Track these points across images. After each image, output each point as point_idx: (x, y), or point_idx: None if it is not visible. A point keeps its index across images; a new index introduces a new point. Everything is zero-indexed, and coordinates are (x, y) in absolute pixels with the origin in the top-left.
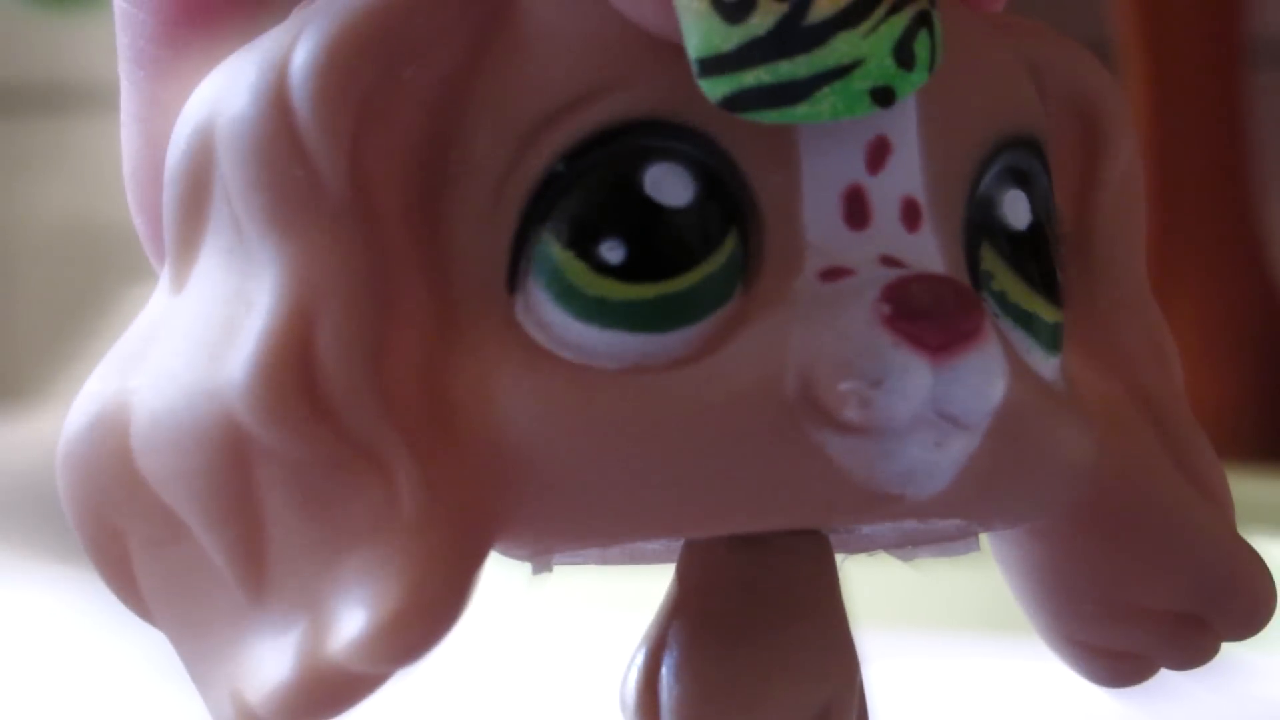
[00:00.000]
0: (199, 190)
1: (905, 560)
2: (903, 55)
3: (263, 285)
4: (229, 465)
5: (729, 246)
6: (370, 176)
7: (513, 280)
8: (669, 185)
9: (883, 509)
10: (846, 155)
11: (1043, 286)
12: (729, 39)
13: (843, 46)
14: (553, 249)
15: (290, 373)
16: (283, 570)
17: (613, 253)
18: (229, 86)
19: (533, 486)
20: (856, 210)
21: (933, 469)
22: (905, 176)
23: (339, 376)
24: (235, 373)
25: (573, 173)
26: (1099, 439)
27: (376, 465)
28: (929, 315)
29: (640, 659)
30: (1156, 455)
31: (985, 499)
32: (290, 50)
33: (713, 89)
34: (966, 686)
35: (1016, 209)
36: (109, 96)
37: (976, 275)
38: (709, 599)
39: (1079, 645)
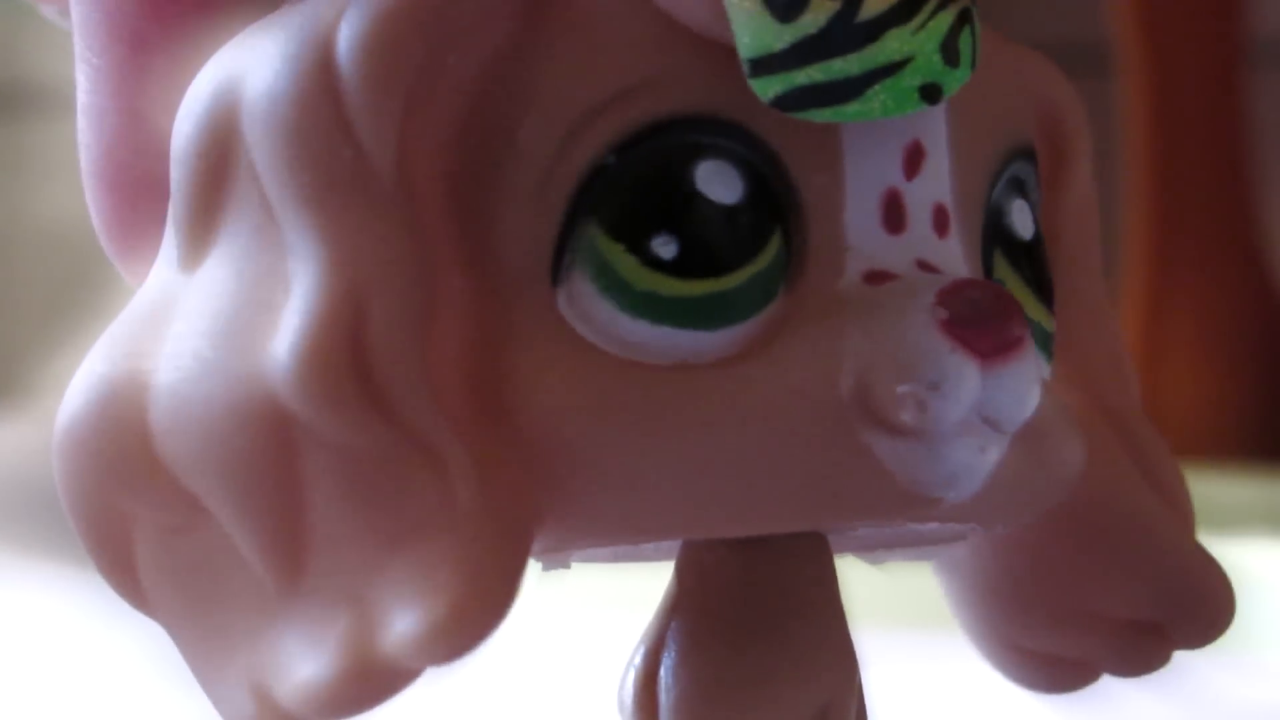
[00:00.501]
0: (219, 165)
1: (872, 564)
2: (949, 52)
3: (306, 266)
4: (271, 451)
5: (774, 246)
6: (415, 160)
7: (556, 271)
8: (720, 182)
9: (921, 511)
10: (886, 159)
11: (1042, 295)
12: (781, 38)
13: (893, 44)
14: (601, 242)
15: (342, 357)
16: (324, 562)
17: (665, 248)
18: (259, 60)
19: (580, 480)
20: (894, 214)
21: (973, 473)
22: (937, 183)
23: (393, 364)
24: (280, 354)
25: (622, 165)
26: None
27: (431, 458)
28: (983, 321)
29: (639, 659)
30: (1122, 464)
31: (1005, 503)
32: (334, 26)
33: (765, 88)
34: (965, 687)
35: (1023, 219)
36: None
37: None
38: (708, 599)
39: (1019, 651)
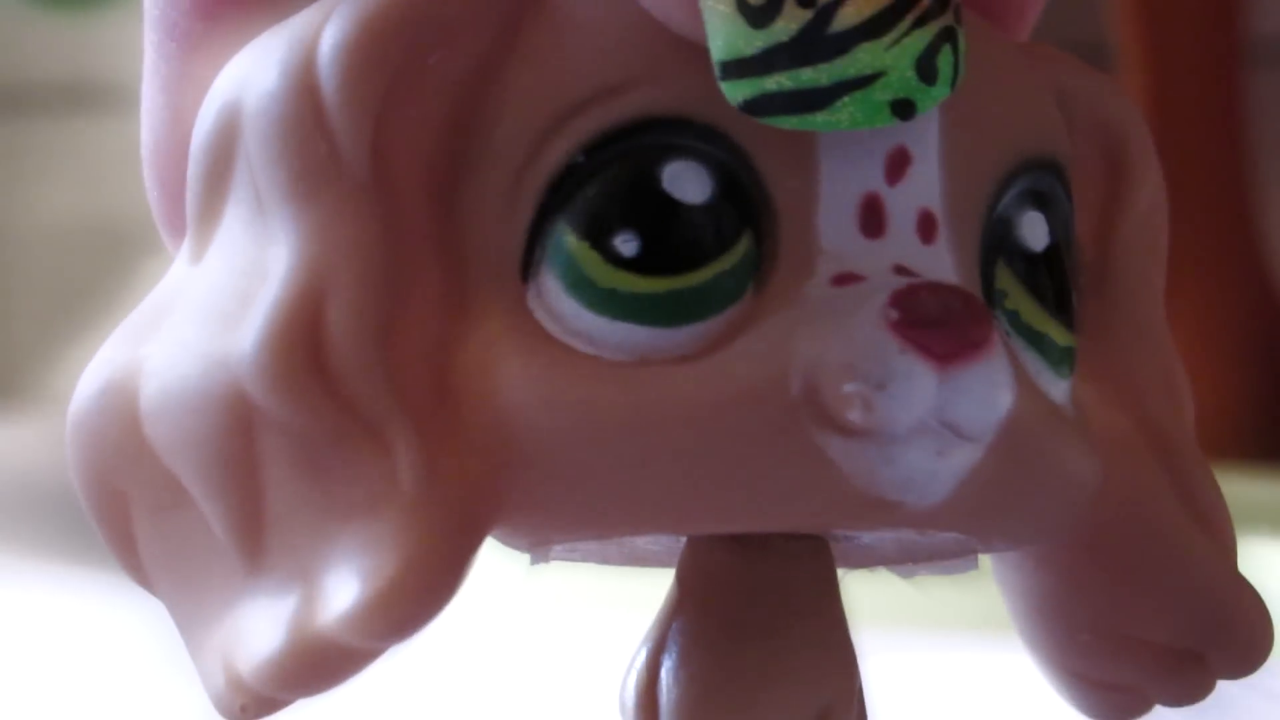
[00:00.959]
0: (222, 163)
1: (904, 577)
2: (925, 69)
3: (278, 256)
4: (232, 433)
5: (743, 247)
6: (392, 157)
7: (527, 268)
8: (687, 182)
9: (882, 516)
10: (866, 164)
11: (1056, 309)
12: (752, 43)
13: (864, 57)
14: (568, 239)
15: (298, 343)
16: (280, 540)
17: (627, 245)
18: (259, 63)
19: (534, 472)
20: (872, 219)
21: (932, 478)
22: (923, 189)
23: (346, 349)
24: (244, 341)
25: (592, 164)
26: (1104, 466)
27: (378, 440)
28: (937, 323)
29: (640, 660)
30: (1161, 488)
31: (985, 514)
32: (320, 29)
33: (734, 92)
34: (966, 688)
35: (1035, 230)
36: (113, 97)
37: (991, 293)
38: (709, 601)
39: (1075, 677)
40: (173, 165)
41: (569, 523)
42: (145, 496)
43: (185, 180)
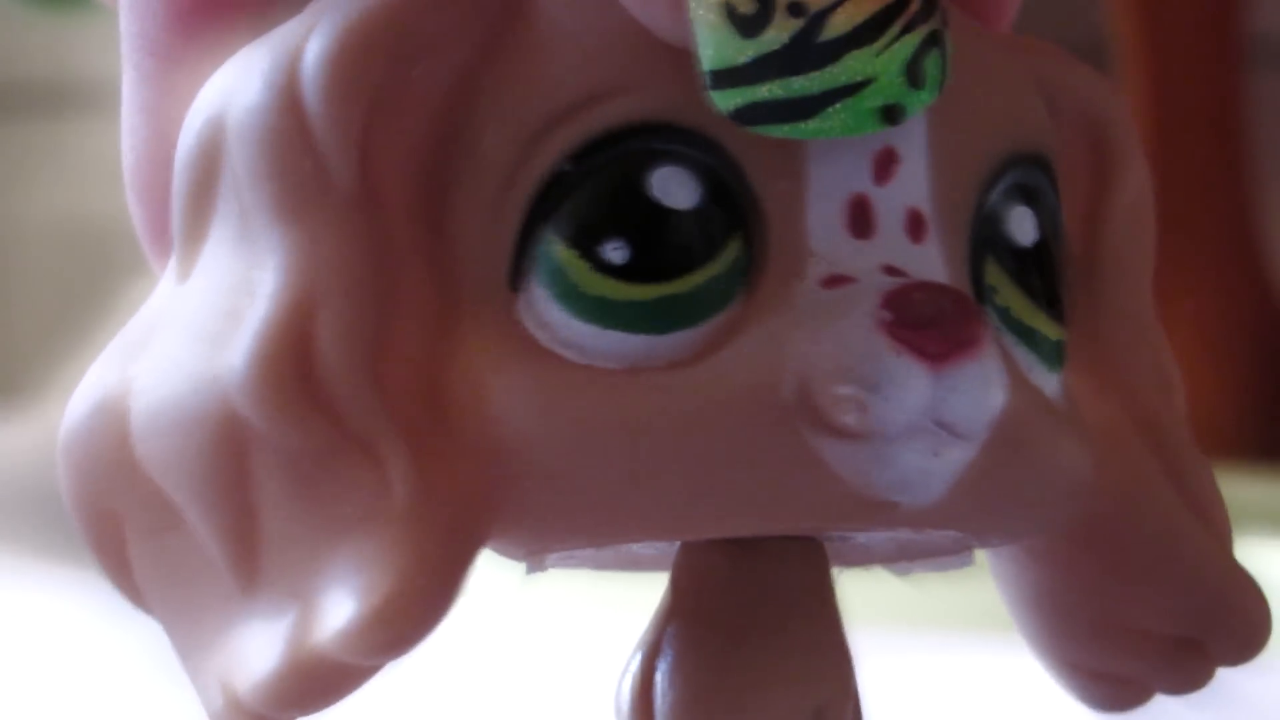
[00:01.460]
0: (207, 179)
1: (900, 575)
2: (913, 74)
3: (266, 274)
4: (224, 452)
5: (732, 251)
6: (378, 170)
7: (515, 278)
8: (674, 188)
9: (878, 517)
10: (853, 165)
11: (1046, 303)
12: (742, 52)
13: (854, 64)
14: (556, 248)
15: (288, 361)
16: (275, 559)
17: (615, 253)
18: (242, 77)
19: (527, 483)
20: (860, 219)
21: (928, 478)
22: (911, 188)
23: (336, 366)
24: (235, 360)
25: (579, 172)
26: (1097, 459)
27: (369, 456)
28: (929, 324)
29: (635, 663)
30: (1155, 478)
31: (981, 511)
32: (304, 42)
33: (724, 101)
34: (961, 688)
35: (1023, 225)
36: (109, 96)
37: (981, 289)
38: (704, 603)
39: (1074, 668)
40: (156, 184)
41: (564, 532)
42: (138, 518)
43: (169, 198)
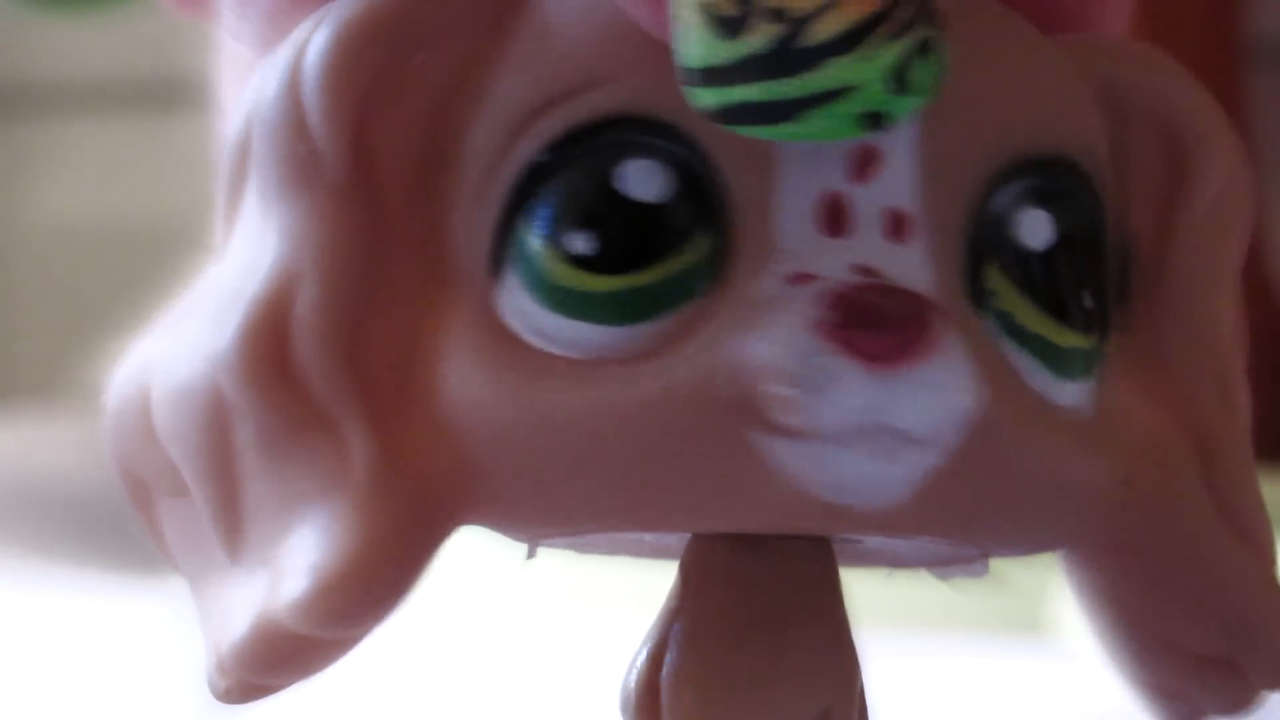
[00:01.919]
0: (241, 164)
1: (924, 578)
2: (897, 81)
3: (263, 254)
4: (212, 425)
5: (702, 245)
6: (374, 157)
7: (495, 265)
8: (642, 180)
9: (831, 520)
10: (826, 163)
11: (1059, 310)
12: (723, 53)
13: (834, 72)
14: (530, 237)
15: (266, 337)
16: (254, 528)
17: (583, 243)
18: (269, 68)
19: (490, 468)
20: (834, 217)
21: (879, 482)
22: (894, 188)
23: (310, 343)
24: (224, 337)
25: (555, 163)
26: (1128, 470)
27: (332, 431)
28: (871, 324)
29: (641, 660)
30: (1195, 494)
31: (955, 518)
32: (311, 34)
33: (703, 100)
34: (968, 688)
35: (1036, 229)
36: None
37: (981, 294)
38: (710, 600)
39: (1134, 680)
40: None
41: (528, 519)
42: (160, 484)
43: None
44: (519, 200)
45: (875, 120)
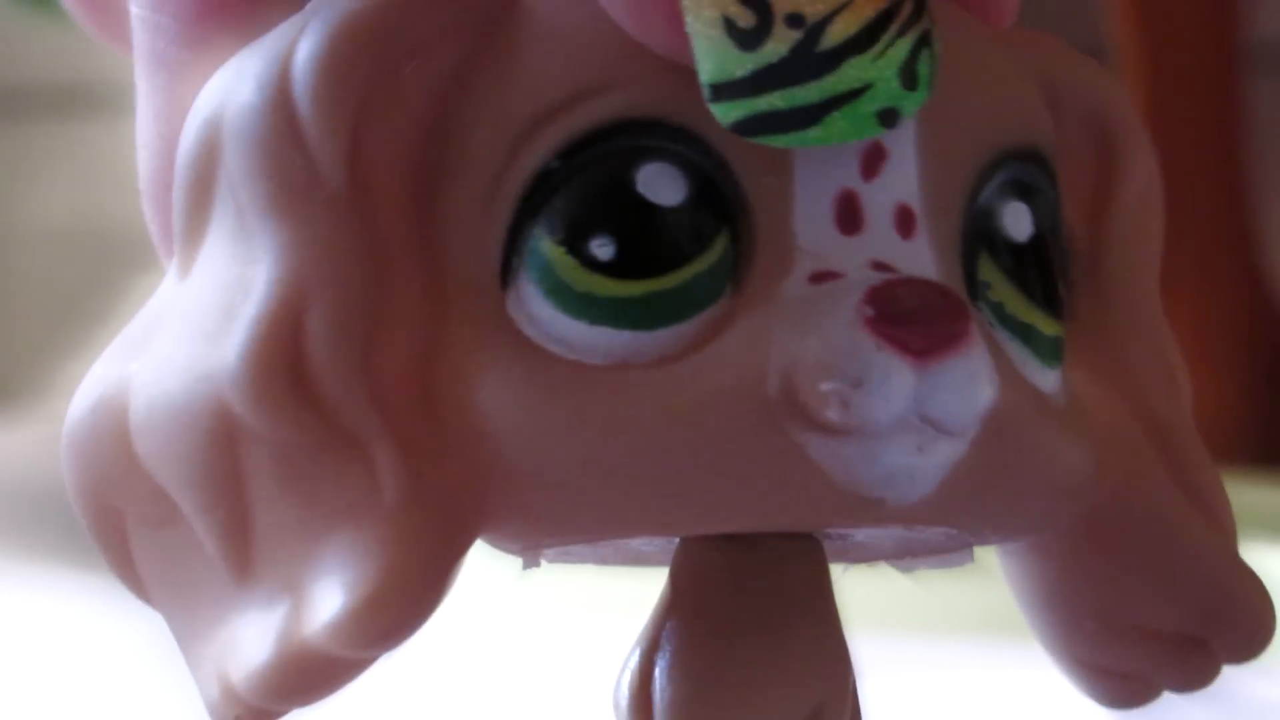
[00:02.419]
0: (205, 179)
1: (904, 571)
2: (907, 76)
3: (259, 271)
4: (217, 447)
5: (720, 247)
6: (369, 168)
7: (505, 274)
8: (661, 184)
9: (865, 513)
10: (840, 161)
11: (1042, 299)
12: (743, 65)
13: (853, 71)
14: (544, 244)
15: (279, 356)
16: (268, 552)
17: (602, 249)
18: (236, 78)
19: (515, 479)
20: (849, 215)
21: (915, 474)
22: (900, 184)
23: (326, 362)
24: (228, 356)
25: (567, 169)
26: (1097, 455)
27: (359, 450)
28: (913, 319)
29: (634, 660)
30: (1158, 475)
31: (972, 508)
32: (295, 43)
33: (726, 113)
34: (959, 692)
35: (1018, 221)
36: (109, 97)
37: (974, 285)
38: (702, 601)
39: (1082, 664)
40: (168, 186)
41: (554, 528)
42: (138, 512)
43: None
44: (529, 208)
45: (891, 117)
